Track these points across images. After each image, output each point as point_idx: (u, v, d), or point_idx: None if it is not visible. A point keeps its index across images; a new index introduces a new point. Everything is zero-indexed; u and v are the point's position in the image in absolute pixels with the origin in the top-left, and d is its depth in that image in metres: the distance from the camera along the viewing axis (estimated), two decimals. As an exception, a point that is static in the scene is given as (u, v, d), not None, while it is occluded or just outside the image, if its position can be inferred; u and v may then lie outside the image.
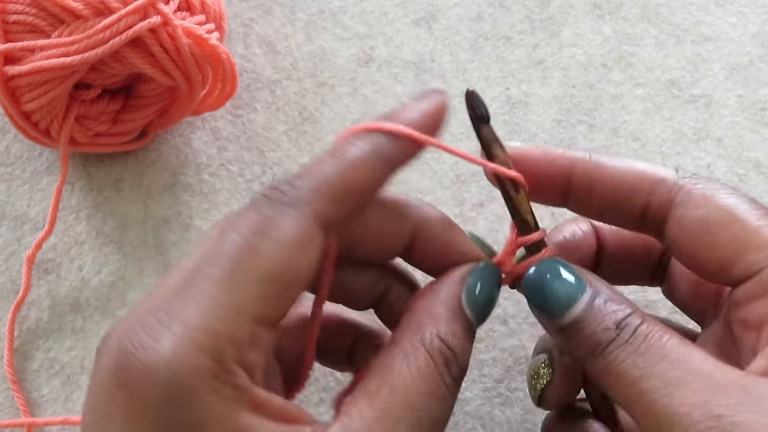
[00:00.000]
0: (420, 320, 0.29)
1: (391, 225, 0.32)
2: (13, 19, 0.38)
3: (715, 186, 0.29)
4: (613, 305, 0.28)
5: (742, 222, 0.28)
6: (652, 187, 0.29)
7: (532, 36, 0.47)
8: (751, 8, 0.47)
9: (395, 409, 0.27)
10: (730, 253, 0.27)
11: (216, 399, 0.25)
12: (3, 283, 0.44)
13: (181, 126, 0.46)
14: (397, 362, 0.28)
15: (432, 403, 0.27)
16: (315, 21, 0.47)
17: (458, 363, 0.28)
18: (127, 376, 0.25)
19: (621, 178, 0.30)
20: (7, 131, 0.46)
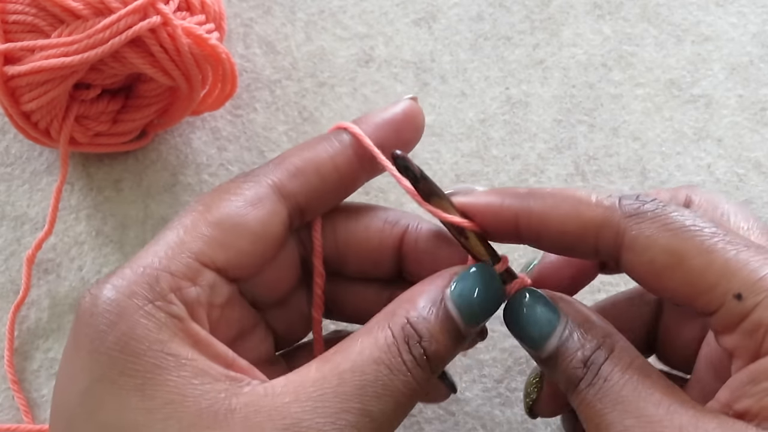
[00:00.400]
0: (393, 307, 0.29)
1: (378, 235, 0.33)
2: (13, 19, 0.38)
3: (658, 218, 0.27)
4: (583, 338, 0.28)
5: (687, 261, 0.27)
6: (597, 234, 0.28)
7: (532, 36, 0.47)
8: (751, 8, 0.47)
9: (342, 370, 0.27)
10: (685, 295, 0.27)
11: (148, 322, 0.27)
12: (3, 283, 0.44)
13: (181, 126, 0.46)
14: (359, 336, 0.28)
15: (383, 373, 0.27)
16: (315, 21, 0.47)
17: (423, 345, 0.28)
18: (79, 311, 0.28)
19: (565, 228, 0.29)
20: (7, 131, 0.46)
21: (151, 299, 0.27)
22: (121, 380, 0.26)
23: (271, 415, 0.26)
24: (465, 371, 0.41)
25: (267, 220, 0.30)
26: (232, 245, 0.29)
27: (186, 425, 0.26)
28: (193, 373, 0.27)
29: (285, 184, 0.31)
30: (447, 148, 0.45)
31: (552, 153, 0.45)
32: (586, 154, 0.45)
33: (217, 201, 0.30)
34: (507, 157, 0.45)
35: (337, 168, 0.32)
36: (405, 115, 0.33)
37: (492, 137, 0.45)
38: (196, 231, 0.29)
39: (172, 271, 0.28)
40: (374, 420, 0.27)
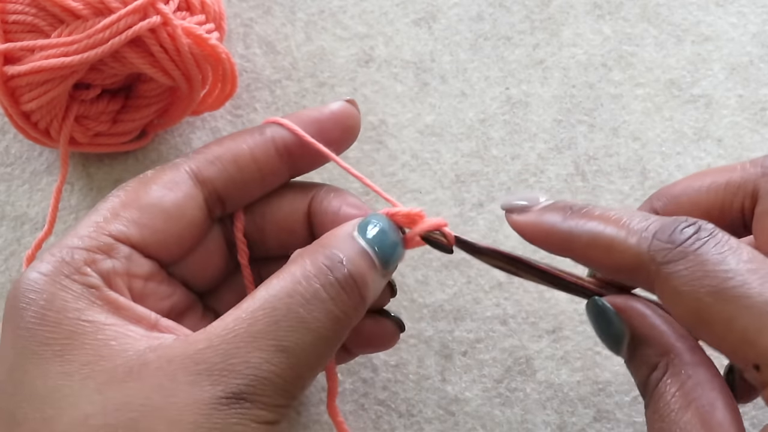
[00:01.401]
0: (308, 248, 0.30)
1: (289, 204, 0.35)
2: (13, 19, 0.38)
3: (688, 271, 0.26)
4: (644, 354, 0.29)
5: (710, 328, 0.26)
6: (632, 273, 0.28)
7: (532, 36, 0.47)
8: (751, 8, 0.47)
9: (253, 310, 0.28)
10: (725, 350, 0.26)
11: (65, 294, 0.28)
12: (3, 283, 0.44)
13: (181, 126, 0.46)
14: (273, 277, 0.29)
15: (297, 303, 0.27)
16: (315, 21, 0.47)
17: (346, 267, 0.28)
18: (8, 295, 0.29)
19: (604, 264, 0.29)
20: (7, 131, 0.46)
21: (67, 274, 0.29)
22: (41, 350, 0.27)
23: (185, 362, 0.27)
24: (465, 371, 0.41)
25: (182, 202, 0.32)
26: (147, 224, 0.31)
27: (101, 382, 0.27)
28: (110, 336, 0.28)
29: (202, 171, 0.33)
30: (447, 148, 0.45)
31: (552, 153, 0.45)
32: (586, 154, 0.45)
33: (136, 186, 0.32)
34: (507, 157, 0.45)
35: (255, 159, 0.33)
36: (332, 114, 0.34)
37: (492, 137, 0.45)
38: (112, 213, 0.31)
39: (86, 247, 0.30)
40: (292, 354, 0.27)
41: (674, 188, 0.33)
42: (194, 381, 0.26)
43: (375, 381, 0.41)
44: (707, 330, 0.26)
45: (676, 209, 0.32)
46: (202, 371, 0.26)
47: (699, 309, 0.26)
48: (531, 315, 0.42)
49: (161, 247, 0.32)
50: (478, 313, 0.42)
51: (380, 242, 0.30)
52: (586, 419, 0.40)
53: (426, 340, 0.42)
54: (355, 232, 0.30)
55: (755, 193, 0.29)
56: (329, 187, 0.35)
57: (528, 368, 0.41)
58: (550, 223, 0.31)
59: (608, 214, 0.29)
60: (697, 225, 0.27)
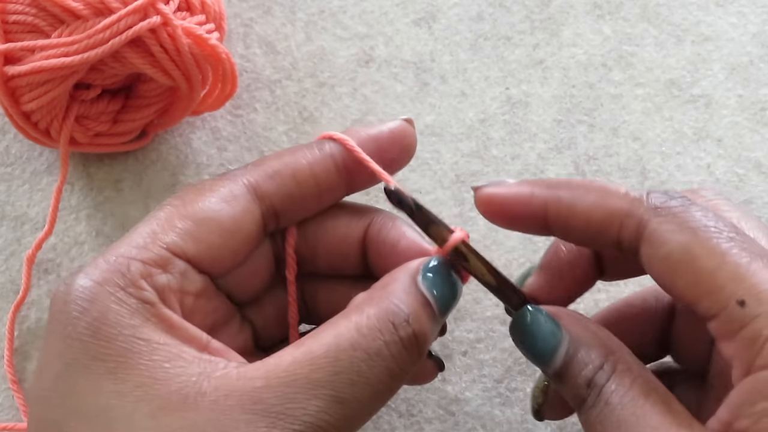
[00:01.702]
0: (370, 293, 0.29)
1: (344, 227, 0.34)
2: (13, 19, 0.38)
3: (681, 215, 0.28)
4: (587, 356, 0.28)
5: (701, 260, 0.27)
6: (621, 223, 0.29)
7: (532, 36, 0.47)
8: (751, 8, 0.47)
9: (316, 356, 0.27)
10: (692, 295, 0.27)
11: (120, 308, 0.27)
12: (3, 283, 0.44)
13: (181, 126, 0.46)
14: (336, 320, 0.28)
15: (359, 358, 0.27)
16: (315, 21, 0.47)
17: (411, 326, 0.28)
18: (54, 299, 0.28)
19: (591, 216, 0.29)
20: (7, 131, 0.46)
21: (123, 286, 0.28)
22: (94, 365, 0.27)
23: (242, 399, 0.26)
24: (465, 371, 0.41)
25: (239, 217, 0.31)
26: (203, 238, 0.30)
27: (155, 407, 0.26)
28: (164, 357, 0.27)
29: (260, 185, 0.32)
30: (447, 148, 0.45)
31: (552, 153, 0.45)
32: (586, 154, 0.45)
33: (193, 196, 0.31)
34: (507, 157, 0.45)
35: (314, 175, 0.32)
36: (391, 133, 0.33)
37: (492, 137, 0.45)
38: (168, 223, 0.30)
39: (143, 259, 0.29)
40: (348, 406, 0.26)
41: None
42: (250, 420, 0.26)
43: (375, 381, 0.41)
44: (694, 266, 0.27)
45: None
46: (259, 411, 0.26)
47: (691, 246, 0.27)
48: (531, 315, 0.42)
49: (215, 262, 0.31)
50: (478, 313, 0.42)
51: (442, 289, 0.30)
52: (586, 419, 0.40)
53: (426, 340, 0.42)
54: (419, 278, 0.29)
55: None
56: (386, 214, 0.34)
57: (528, 368, 0.41)
58: (528, 190, 0.31)
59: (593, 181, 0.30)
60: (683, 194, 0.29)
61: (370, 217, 0.34)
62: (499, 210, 0.31)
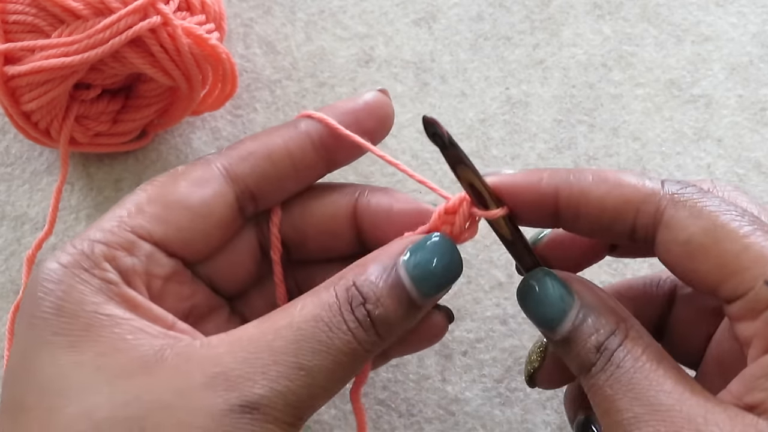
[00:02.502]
0: (344, 271, 0.29)
1: (332, 204, 0.33)
2: (13, 19, 0.38)
3: (700, 202, 0.28)
4: (597, 322, 0.28)
5: (726, 243, 0.27)
6: (637, 209, 0.28)
7: (532, 36, 0.47)
8: (751, 8, 0.47)
9: (279, 327, 0.27)
10: (715, 278, 0.27)
11: (84, 287, 0.28)
12: (3, 283, 0.44)
13: (181, 126, 0.46)
14: (302, 297, 0.29)
15: (321, 329, 0.27)
16: (315, 21, 0.47)
17: (366, 307, 0.28)
18: (27, 284, 0.29)
19: (605, 202, 0.29)
20: (7, 131, 0.46)
21: (86, 267, 0.28)
22: (55, 339, 0.27)
23: (202, 363, 0.26)
24: (465, 371, 0.41)
25: (210, 200, 0.31)
26: (171, 221, 0.30)
27: (114, 375, 0.26)
28: (127, 330, 0.27)
29: (234, 167, 0.32)
30: (447, 148, 0.45)
31: (552, 153, 0.45)
32: (586, 154, 0.45)
33: (165, 181, 0.31)
34: (507, 157, 0.45)
35: (289, 153, 0.32)
36: (367, 104, 0.33)
37: (492, 137, 0.45)
38: (137, 207, 0.30)
39: (107, 242, 0.29)
40: (309, 374, 0.27)
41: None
42: (209, 384, 0.26)
43: (375, 381, 0.41)
44: (718, 249, 0.27)
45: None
46: (218, 374, 0.26)
47: (715, 229, 0.27)
48: (531, 315, 0.42)
49: (185, 245, 0.31)
50: (478, 313, 0.42)
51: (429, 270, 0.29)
52: (586, 419, 0.40)
53: (426, 340, 0.42)
54: (402, 259, 0.29)
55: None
56: (372, 186, 0.34)
57: (528, 368, 0.41)
58: (539, 176, 0.30)
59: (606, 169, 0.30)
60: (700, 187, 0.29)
61: (356, 190, 0.34)
62: (507, 198, 0.30)
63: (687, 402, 0.26)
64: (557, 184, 0.29)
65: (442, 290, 0.30)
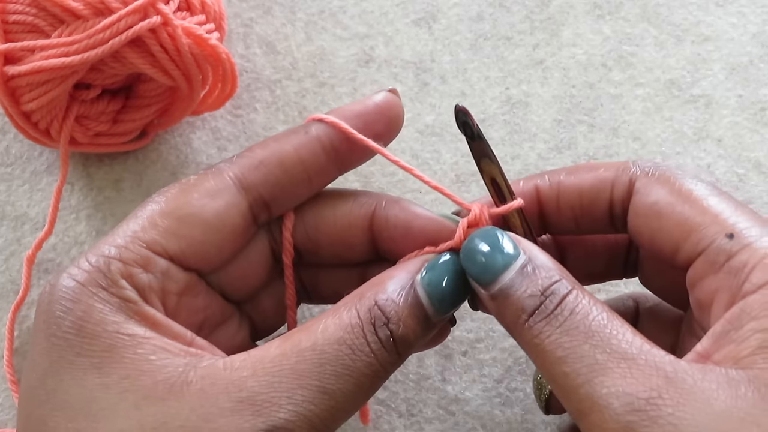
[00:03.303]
0: (363, 289, 0.29)
1: (347, 216, 0.33)
2: (13, 19, 0.38)
3: (673, 173, 0.30)
4: (543, 272, 0.28)
5: (690, 204, 0.28)
6: (613, 182, 0.30)
7: (532, 36, 0.47)
8: (751, 8, 0.47)
9: (302, 348, 0.27)
10: (678, 236, 0.28)
11: (103, 306, 0.28)
12: (3, 283, 0.44)
13: (181, 126, 0.46)
14: (324, 316, 0.29)
15: (344, 353, 0.27)
16: (315, 21, 0.47)
17: (390, 327, 0.28)
18: (40, 300, 0.29)
19: (582, 186, 0.31)
20: (7, 131, 0.46)
21: (104, 286, 0.28)
22: (78, 360, 0.27)
23: (227, 387, 0.26)
24: (465, 371, 0.41)
25: (223, 211, 0.31)
26: (185, 235, 0.30)
27: (141, 397, 0.26)
28: (150, 350, 0.27)
29: (246, 176, 0.31)
30: (447, 148, 0.45)
31: (552, 153, 0.45)
32: (586, 154, 0.45)
33: (176, 193, 0.31)
34: (507, 157, 0.45)
35: (301, 160, 0.32)
36: (377, 106, 0.33)
37: (492, 137, 0.45)
38: (150, 222, 0.30)
39: (123, 259, 0.29)
40: (332, 398, 0.27)
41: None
42: (236, 408, 0.26)
43: (375, 381, 0.41)
44: (684, 207, 0.28)
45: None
46: (245, 399, 0.26)
47: (682, 189, 0.29)
48: (531, 315, 0.42)
49: (200, 258, 0.31)
50: (478, 313, 0.42)
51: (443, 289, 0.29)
52: (586, 419, 0.40)
53: (426, 340, 0.42)
54: (419, 278, 0.29)
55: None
56: (389, 197, 0.33)
57: (528, 368, 0.41)
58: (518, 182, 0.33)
59: None
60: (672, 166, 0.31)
61: (373, 202, 0.33)
62: None
63: (652, 352, 0.25)
64: (535, 183, 0.32)
65: (456, 307, 0.30)
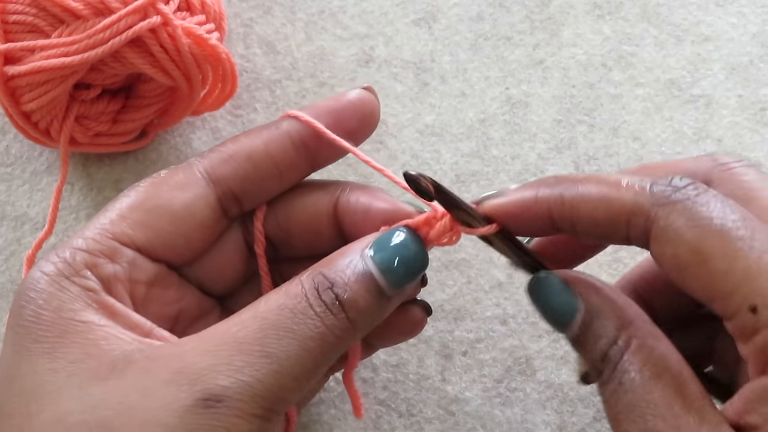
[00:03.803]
0: (313, 265, 0.30)
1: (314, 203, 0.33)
2: (13, 19, 0.38)
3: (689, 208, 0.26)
4: (602, 327, 0.28)
5: (710, 263, 0.26)
6: (628, 222, 0.28)
7: (532, 36, 0.47)
8: (751, 8, 0.47)
9: (243, 318, 0.28)
10: (703, 297, 0.26)
11: (63, 294, 0.28)
12: (3, 283, 0.44)
13: (181, 126, 0.46)
14: (270, 293, 0.29)
15: (286, 316, 0.27)
16: (315, 21, 0.47)
17: (335, 291, 0.28)
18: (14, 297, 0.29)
19: (596, 216, 0.28)
20: (7, 131, 0.46)
21: (67, 275, 0.29)
22: (33, 347, 0.28)
23: (168, 361, 0.27)
24: (465, 371, 0.41)
25: (191, 203, 0.31)
26: (153, 226, 0.31)
27: (85, 379, 0.27)
28: (101, 336, 0.28)
29: (215, 170, 0.32)
30: (447, 148, 0.45)
31: (552, 153, 0.45)
32: (586, 154, 0.45)
33: (146, 186, 0.32)
34: (507, 157, 0.45)
35: (270, 155, 0.32)
36: (350, 103, 0.33)
37: (492, 137, 0.45)
38: (119, 214, 0.31)
39: (89, 250, 0.30)
40: (276, 361, 0.26)
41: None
42: (173, 380, 0.26)
43: (375, 381, 0.41)
44: (705, 269, 0.26)
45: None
46: (183, 369, 0.26)
47: (701, 246, 0.26)
48: (531, 315, 0.42)
49: (168, 249, 0.31)
50: (478, 313, 0.42)
51: (393, 263, 0.29)
52: (586, 419, 0.40)
53: (426, 340, 0.42)
54: (368, 250, 0.29)
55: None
56: (354, 184, 0.34)
57: (528, 368, 0.41)
58: (532, 195, 0.30)
59: (595, 175, 0.29)
60: (691, 179, 0.27)
61: (338, 188, 0.33)
62: (505, 221, 0.30)
63: (681, 426, 0.26)
64: (549, 205, 0.29)
65: (409, 282, 0.30)
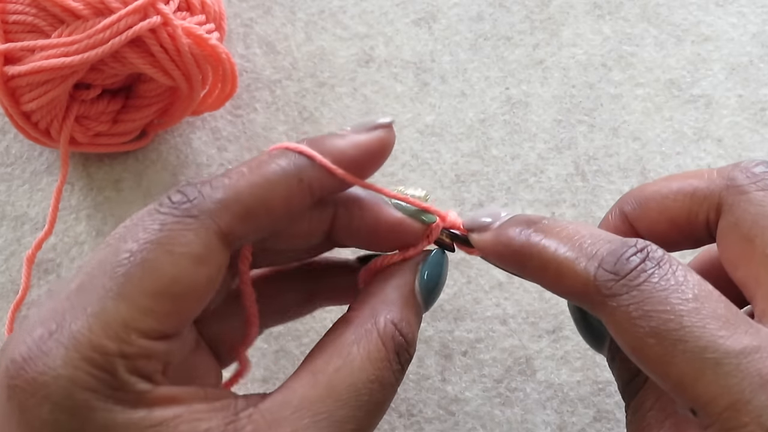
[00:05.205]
0: (374, 305, 0.30)
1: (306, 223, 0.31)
2: (13, 19, 0.38)
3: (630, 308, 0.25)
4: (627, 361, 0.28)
5: (647, 366, 0.25)
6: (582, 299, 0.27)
7: (532, 36, 0.47)
8: (751, 8, 0.47)
9: (339, 391, 0.27)
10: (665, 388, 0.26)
11: (120, 407, 0.24)
12: (3, 283, 0.44)
13: (181, 126, 0.46)
14: (348, 343, 0.28)
15: (377, 390, 0.28)
16: (315, 21, 0.47)
17: (409, 351, 0.29)
18: (19, 392, 0.24)
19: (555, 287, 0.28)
20: (7, 131, 0.46)
21: (115, 386, 0.25)
22: None
23: None
24: (465, 371, 0.41)
25: (214, 276, 0.27)
26: (181, 313, 0.27)
27: None
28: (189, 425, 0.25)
29: (233, 230, 0.27)
30: (447, 148, 0.45)
31: (552, 153, 0.45)
32: (586, 154, 0.45)
33: (154, 252, 0.26)
34: (507, 157, 0.45)
35: (290, 210, 0.29)
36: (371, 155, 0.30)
37: (492, 137, 0.45)
38: (138, 303, 0.25)
39: (125, 355, 0.25)
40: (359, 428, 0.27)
41: (644, 191, 0.31)
42: None
43: (375, 381, 0.41)
44: (647, 368, 0.26)
45: (644, 215, 0.31)
46: None
47: (640, 347, 0.25)
48: (531, 315, 0.42)
49: (186, 323, 0.28)
50: (478, 313, 0.42)
51: (433, 290, 0.31)
52: (586, 419, 0.40)
53: (426, 340, 0.42)
54: (417, 285, 0.31)
55: (719, 206, 0.28)
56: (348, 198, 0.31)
57: (528, 368, 0.41)
58: (506, 240, 0.29)
59: (562, 229, 0.28)
60: (644, 253, 0.26)
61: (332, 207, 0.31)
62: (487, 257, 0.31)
63: None
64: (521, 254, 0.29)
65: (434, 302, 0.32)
